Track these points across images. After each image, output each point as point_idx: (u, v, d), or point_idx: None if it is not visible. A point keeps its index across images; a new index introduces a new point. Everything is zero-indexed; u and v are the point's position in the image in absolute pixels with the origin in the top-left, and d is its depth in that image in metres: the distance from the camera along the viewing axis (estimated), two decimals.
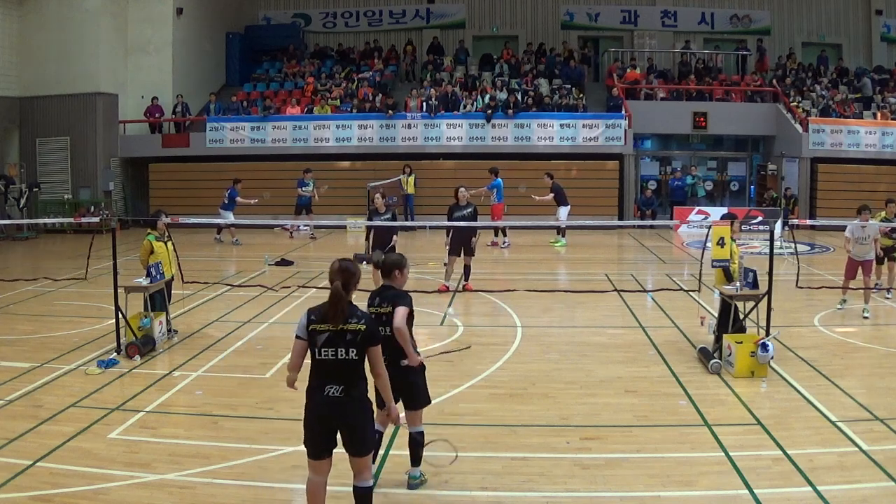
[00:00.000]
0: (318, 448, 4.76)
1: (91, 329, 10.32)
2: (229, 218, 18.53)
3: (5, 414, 7.16)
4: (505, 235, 18.73)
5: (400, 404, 5.46)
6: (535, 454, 6.24)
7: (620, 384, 8.07)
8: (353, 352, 4.64)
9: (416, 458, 5.63)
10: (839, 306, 11.58)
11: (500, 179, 18.13)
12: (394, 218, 12.34)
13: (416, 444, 5.58)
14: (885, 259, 12.05)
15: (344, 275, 4.71)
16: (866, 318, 11.13)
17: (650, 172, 24.71)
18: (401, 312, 5.36)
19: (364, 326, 4.66)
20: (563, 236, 18.80)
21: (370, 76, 25.34)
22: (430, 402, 5.74)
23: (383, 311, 5.45)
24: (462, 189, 12.63)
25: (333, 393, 4.64)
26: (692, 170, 23.46)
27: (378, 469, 5.91)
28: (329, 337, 4.64)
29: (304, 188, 19.78)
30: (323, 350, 4.65)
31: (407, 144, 22.72)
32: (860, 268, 11.51)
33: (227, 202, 19.08)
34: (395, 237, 11.95)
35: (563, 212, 18.40)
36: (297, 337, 4.77)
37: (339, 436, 4.77)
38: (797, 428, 6.74)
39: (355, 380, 4.68)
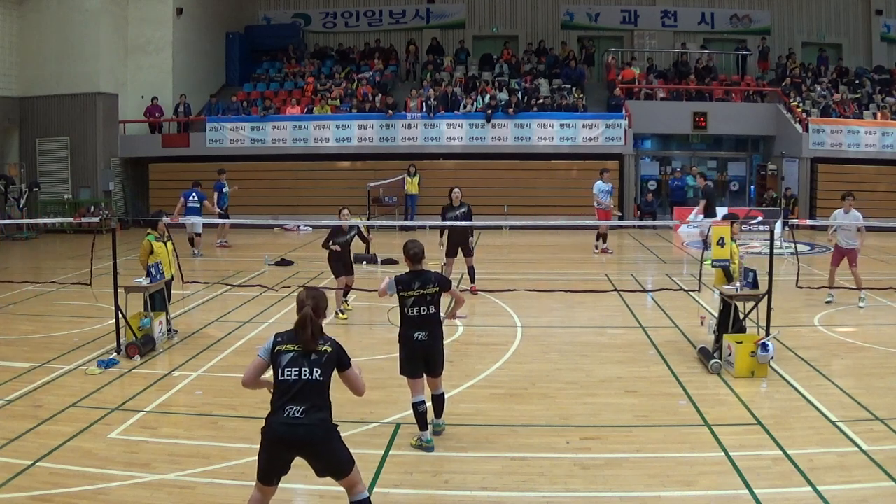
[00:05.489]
0: (269, 473, 4.61)
1: (91, 329, 10.32)
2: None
3: (5, 414, 7.15)
4: (600, 240, 17.29)
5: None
6: (535, 454, 6.24)
7: (620, 384, 8.07)
8: (317, 372, 4.52)
9: (439, 413, 6.65)
10: (828, 299, 11.67)
11: (600, 182, 17.04)
12: (362, 232, 12.00)
13: (439, 403, 6.61)
14: None
15: (315, 300, 4.65)
16: (862, 307, 11.26)
17: (650, 172, 24.71)
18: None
19: (330, 348, 4.59)
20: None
21: (370, 76, 25.32)
22: (443, 368, 6.60)
23: (429, 291, 6.29)
24: (456, 190, 12.36)
25: (293, 414, 4.46)
26: (692, 170, 23.40)
27: (378, 469, 5.92)
28: (293, 357, 4.54)
29: (225, 190, 18.46)
30: (286, 370, 4.53)
31: (407, 144, 22.71)
32: (846, 257, 11.65)
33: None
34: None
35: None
36: (259, 356, 4.71)
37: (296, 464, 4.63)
38: (797, 428, 6.73)
39: (317, 402, 4.51)
